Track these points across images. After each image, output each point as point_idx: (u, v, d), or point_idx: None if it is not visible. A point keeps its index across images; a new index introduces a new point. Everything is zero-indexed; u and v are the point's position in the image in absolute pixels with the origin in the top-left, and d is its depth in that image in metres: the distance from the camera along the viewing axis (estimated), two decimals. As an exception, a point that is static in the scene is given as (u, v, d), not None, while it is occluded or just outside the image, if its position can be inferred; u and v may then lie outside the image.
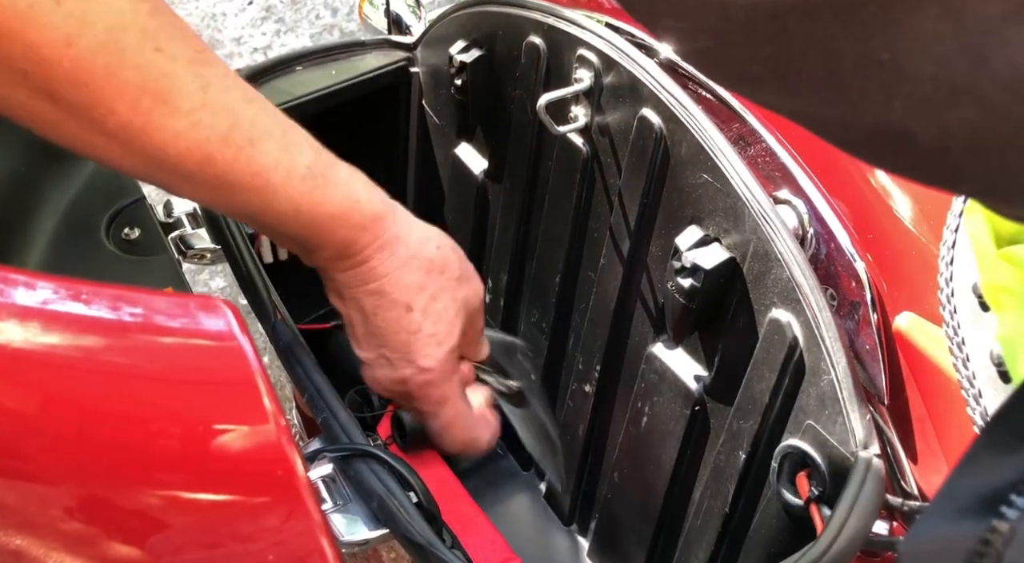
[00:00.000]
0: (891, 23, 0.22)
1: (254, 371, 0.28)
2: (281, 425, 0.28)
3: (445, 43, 0.82)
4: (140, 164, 0.47)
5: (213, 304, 0.29)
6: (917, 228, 0.60)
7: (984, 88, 0.21)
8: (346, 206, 0.54)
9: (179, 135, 0.45)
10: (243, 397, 0.28)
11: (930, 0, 0.21)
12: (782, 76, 0.25)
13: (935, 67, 0.22)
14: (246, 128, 0.48)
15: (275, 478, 0.29)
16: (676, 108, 0.62)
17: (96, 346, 0.28)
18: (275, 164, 0.50)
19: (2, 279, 0.27)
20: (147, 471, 0.28)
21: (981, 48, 0.21)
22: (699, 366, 0.67)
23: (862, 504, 0.52)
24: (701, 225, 0.62)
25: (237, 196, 0.49)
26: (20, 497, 0.27)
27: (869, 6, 0.22)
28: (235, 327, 0.28)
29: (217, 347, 0.29)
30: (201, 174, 0.47)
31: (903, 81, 0.23)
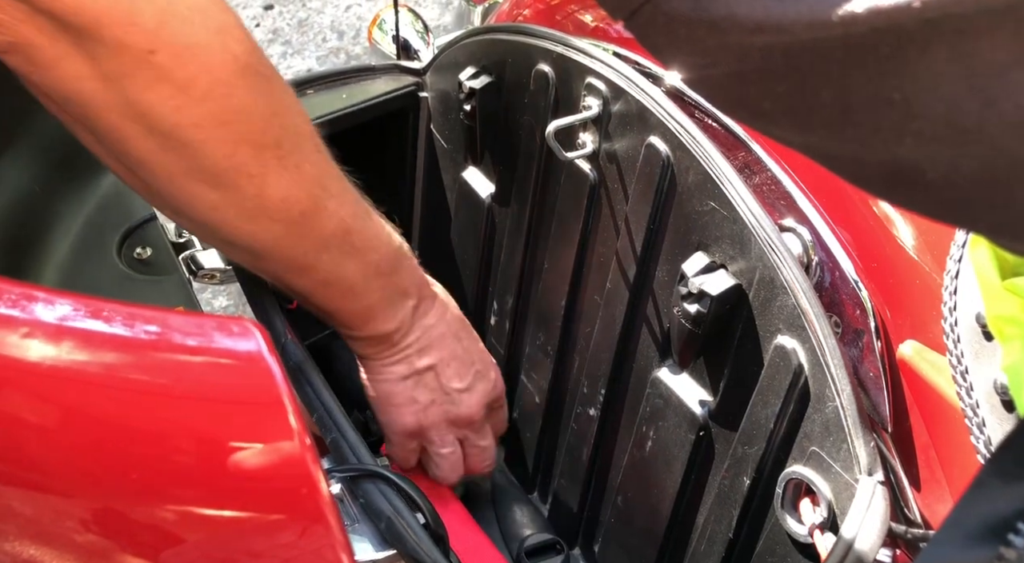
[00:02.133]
0: (903, 65, 0.23)
1: (281, 391, 0.29)
2: (306, 444, 0.29)
3: (455, 69, 0.83)
4: (305, 245, 0.59)
5: (243, 326, 0.30)
6: (921, 257, 0.60)
7: (992, 129, 0.22)
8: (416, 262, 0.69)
9: (333, 214, 0.59)
10: (271, 416, 0.29)
11: (940, 44, 0.22)
12: (796, 112, 0.26)
13: (945, 107, 0.23)
14: (362, 203, 0.63)
15: (300, 495, 0.29)
16: (683, 136, 0.63)
17: (133, 365, 0.29)
18: (381, 225, 0.65)
19: (48, 300, 0.28)
20: (174, 486, 0.29)
21: (989, 90, 0.22)
22: (704, 391, 0.67)
23: (866, 530, 0.52)
24: (707, 251, 0.63)
25: (364, 258, 0.62)
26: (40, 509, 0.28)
27: (881, 48, 0.23)
28: (264, 348, 0.29)
29: (246, 367, 0.29)
30: (342, 244, 0.61)
31: (913, 120, 0.24)
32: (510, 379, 0.90)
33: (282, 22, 2.44)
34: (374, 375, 0.70)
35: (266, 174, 0.53)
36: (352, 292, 0.63)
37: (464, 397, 0.73)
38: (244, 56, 0.50)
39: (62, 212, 0.71)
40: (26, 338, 0.27)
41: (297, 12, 2.47)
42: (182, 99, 0.49)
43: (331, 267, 0.60)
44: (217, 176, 0.52)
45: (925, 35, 0.22)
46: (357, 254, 0.61)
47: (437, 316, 0.70)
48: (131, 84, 0.47)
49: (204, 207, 0.54)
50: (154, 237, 0.74)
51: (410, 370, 0.69)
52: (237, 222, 0.55)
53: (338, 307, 0.64)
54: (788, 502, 0.59)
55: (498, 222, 0.87)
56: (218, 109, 0.50)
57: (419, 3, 2.47)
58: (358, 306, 0.64)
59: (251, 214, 0.55)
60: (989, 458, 0.32)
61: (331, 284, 0.62)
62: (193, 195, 0.53)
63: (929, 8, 0.21)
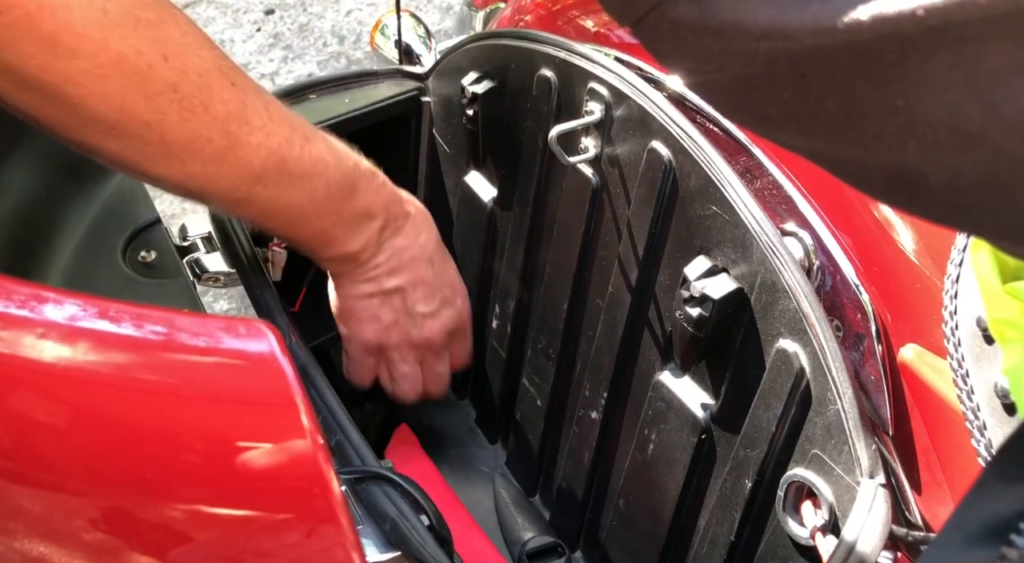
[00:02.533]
0: (906, 71, 0.23)
1: (294, 391, 0.29)
2: (319, 443, 0.29)
3: (457, 74, 0.84)
4: (230, 181, 0.57)
5: (256, 327, 0.30)
6: (921, 261, 0.61)
7: (994, 134, 0.22)
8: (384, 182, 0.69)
9: (259, 146, 0.57)
10: (283, 416, 0.29)
11: (943, 51, 0.22)
12: (800, 118, 0.27)
13: (948, 113, 0.23)
14: (300, 130, 0.61)
15: (312, 495, 0.30)
16: (685, 141, 0.64)
17: (146, 365, 0.29)
18: (328, 149, 0.63)
19: (65, 301, 0.29)
20: (187, 486, 0.30)
21: (991, 96, 0.22)
22: (706, 394, 0.68)
23: (868, 533, 0.53)
24: (709, 255, 0.63)
25: (307, 185, 0.61)
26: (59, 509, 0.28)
27: (886, 55, 0.23)
28: (276, 349, 0.30)
29: (259, 368, 0.30)
30: (277, 174, 0.59)
31: (917, 125, 0.24)
32: (512, 383, 0.91)
33: (283, 26, 2.45)
34: (342, 290, 0.72)
35: (163, 120, 0.53)
36: (302, 219, 0.63)
37: (428, 322, 0.75)
38: (114, 8, 0.49)
39: (66, 215, 0.71)
40: (39, 339, 0.28)
41: (298, 17, 2.48)
42: (47, 57, 0.48)
43: (269, 198, 0.60)
44: (112, 127, 0.52)
45: (928, 42, 0.22)
46: (297, 182, 0.60)
47: (410, 238, 0.71)
48: None
49: (111, 154, 0.54)
50: (158, 240, 0.74)
51: (377, 289, 0.71)
52: (148, 166, 0.55)
53: (289, 233, 0.65)
54: (790, 505, 0.60)
55: (500, 226, 0.87)
56: (92, 65, 0.49)
57: (419, 8, 2.48)
58: (310, 231, 0.65)
59: (160, 158, 0.54)
60: (991, 460, 0.32)
61: (273, 214, 0.62)
62: (96, 144, 0.53)
63: (932, 16, 0.21)
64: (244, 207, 0.61)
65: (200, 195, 0.59)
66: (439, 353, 0.78)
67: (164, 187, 0.59)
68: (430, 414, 0.99)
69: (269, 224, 0.64)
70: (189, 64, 0.53)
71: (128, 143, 0.53)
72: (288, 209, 0.62)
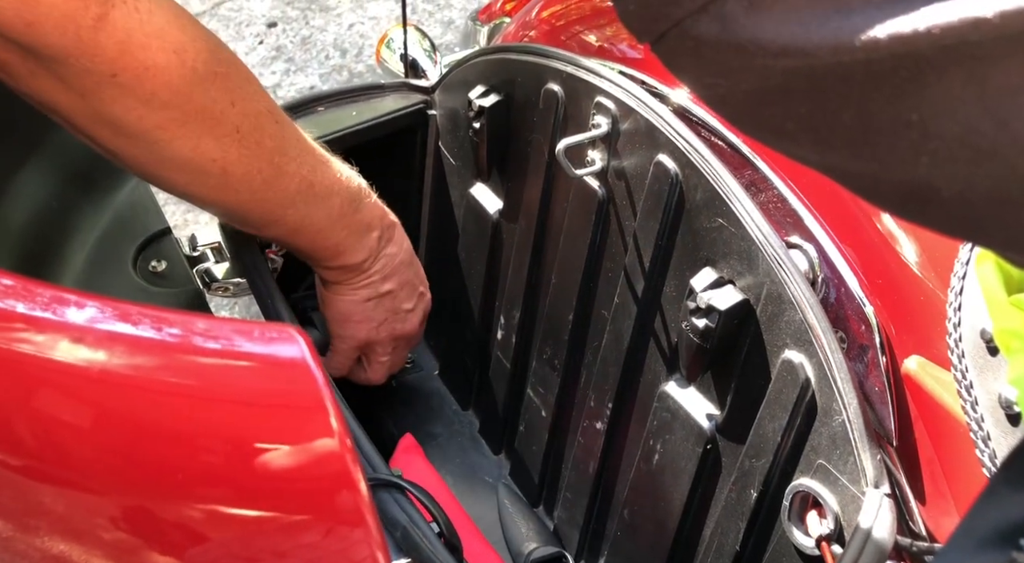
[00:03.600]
0: (921, 88, 0.24)
1: (324, 395, 0.30)
2: (347, 445, 0.30)
3: (464, 88, 0.85)
4: (271, 206, 0.66)
5: (287, 332, 0.31)
6: (925, 273, 0.62)
7: (1005, 149, 0.23)
8: (375, 196, 0.76)
9: (294, 174, 0.66)
10: (314, 419, 0.30)
11: (956, 68, 0.23)
12: (816, 133, 0.28)
13: (960, 129, 0.24)
14: (318, 154, 0.69)
15: (340, 496, 0.30)
16: (692, 154, 0.65)
17: (182, 368, 0.30)
18: (338, 169, 0.71)
19: (120, 310, 0.30)
20: (219, 487, 0.30)
21: (1003, 113, 0.23)
22: (711, 405, 0.68)
23: (873, 543, 0.53)
24: (715, 267, 0.64)
25: (327, 203, 0.69)
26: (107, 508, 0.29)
27: (901, 72, 0.24)
28: (307, 354, 0.30)
29: (290, 372, 0.30)
30: (306, 196, 0.67)
31: (930, 140, 0.25)
32: (516, 393, 0.91)
33: (285, 40, 2.46)
34: (340, 296, 0.79)
35: (227, 156, 0.60)
36: (321, 234, 0.71)
37: (410, 316, 0.83)
38: (202, 66, 0.56)
39: (79, 226, 0.72)
40: (74, 342, 0.28)
41: (300, 30, 2.49)
42: (144, 110, 0.55)
43: (298, 217, 0.68)
44: (184, 164, 0.59)
45: (943, 60, 0.23)
46: (320, 202, 0.69)
47: (398, 245, 0.79)
48: (98, 99, 0.54)
49: (177, 186, 0.62)
50: (169, 250, 0.75)
51: (374, 293, 0.79)
52: (208, 195, 0.63)
53: (310, 247, 0.72)
54: (795, 514, 0.60)
55: (505, 238, 0.88)
56: (179, 114, 0.56)
57: (421, 22, 2.49)
58: (328, 243, 0.72)
59: (219, 189, 0.62)
60: (1000, 467, 0.33)
61: (301, 231, 0.69)
62: (166, 178, 0.61)
63: (947, 35, 0.22)
64: (277, 227, 0.68)
65: (242, 218, 0.68)
66: (413, 341, 0.88)
67: (214, 211, 0.68)
68: (434, 424, 0.99)
69: (293, 240, 0.71)
70: (248, 107, 0.61)
71: (195, 176, 0.61)
72: (312, 226, 0.69)
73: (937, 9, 0.22)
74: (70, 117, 0.56)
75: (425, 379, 1.03)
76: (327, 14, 2.56)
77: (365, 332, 0.81)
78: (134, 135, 0.56)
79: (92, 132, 0.57)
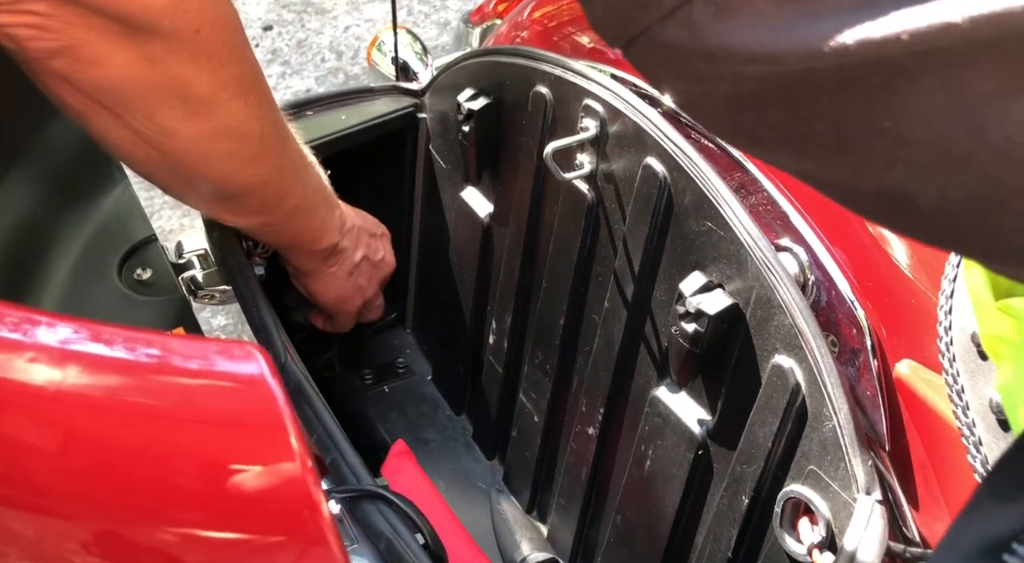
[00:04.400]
0: (893, 94, 0.23)
1: (283, 414, 0.29)
2: (308, 466, 0.29)
3: (453, 91, 0.84)
4: (284, 174, 0.67)
5: (246, 349, 0.30)
6: (916, 277, 0.61)
7: (980, 157, 0.23)
8: None
9: (292, 140, 0.68)
10: (273, 438, 0.29)
11: (929, 74, 0.23)
12: (790, 139, 0.27)
13: (934, 136, 0.23)
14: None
15: (301, 517, 0.30)
16: (680, 157, 0.64)
17: (136, 388, 0.29)
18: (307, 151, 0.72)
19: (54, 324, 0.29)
20: (182, 509, 0.29)
21: (976, 119, 0.22)
22: (702, 410, 0.67)
23: (864, 550, 0.53)
24: (705, 271, 0.63)
25: (312, 172, 0.72)
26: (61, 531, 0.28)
27: (872, 78, 0.23)
28: (266, 371, 0.30)
29: (249, 390, 0.30)
30: (300, 166, 0.70)
31: (904, 147, 0.24)
32: (509, 398, 0.91)
33: (281, 43, 2.46)
34: (324, 282, 0.82)
35: (264, 117, 0.61)
36: (313, 210, 0.73)
37: (385, 260, 0.89)
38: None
39: (63, 233, 0.71)
40: (29, 362, 0.28)
41: (296, 33, 2.49)
42: (214, 65, 0.55)
43: (298, 192, 0.69)
44: (235, 129, 0.59)
45: (914, 66, 0.23)
46: (307, 172, 0.71)
47: (349, 217, 0.81)
48: (175, 61, 0.53)
49: (218, 158, 0.61)
50: (154, 258, 0.75)
51: (351, 267, 0.83)
52: (244, 166, 0.63)
53: (301, 230, 0.74)
54: (786, 521, 0.59)
55: (496, 241, 0.87)
56: (238, 70, 0.57)
57: (416, 24, 2.49)
58: (314, 223, 0.74)
59: (255, 157, 0.63)
60: (985, 478, 0.32)
61: (298, 210, 0.71)
62: (210, 150, 0.60)
63: (917, 41, 0.22)
64: (284, 202, 0.69)
65: (261, 194, 0.67)
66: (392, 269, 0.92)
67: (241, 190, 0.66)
68: (427, 429, 0.99)
69: (290, 223, 0.72)
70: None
71: (239, 143, 0.61)
72: (306, 202, 0.71)
73: (906, 14, 0.22)
74: (137, 91, 0.54)
75: (418, 384, 1.02)
76: (323, 17, 2.55)
77: (360, 298, 0.87)
78: (199, 100, 0.56)
79: (158, 105, 0.55)
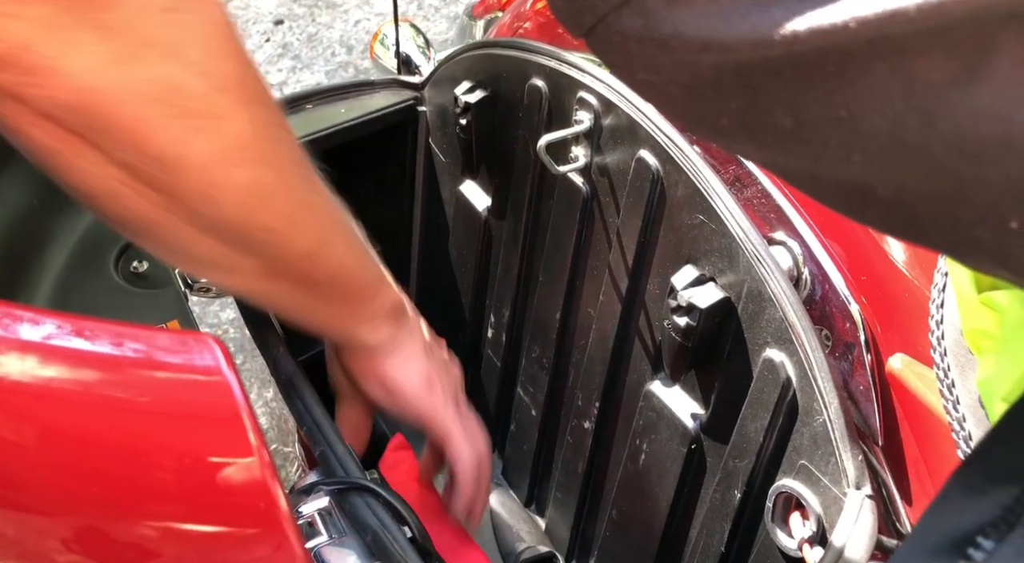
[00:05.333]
0: (847, 82, 0.23)
1: (239, 406, 0.29)
2: (264, 459, 0.29)
3: (451, 84, 0.84)
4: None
5: (203, 340, 0.30)
6: (910, 271, 0.60)
7: (933, 148, 0.22)
8: None
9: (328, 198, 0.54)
10: (229, 431, 0.29)
11: (881, 62, 0.22)
12: (750, 129, 0.27)
13: (889, 125, 0.23)
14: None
15: (258, 511, 0.30)
16: (672, 150, 0.63)
17: (89, 380, 0.29)
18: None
19: (7, 315, 0.29)
20: (137, 502, 0.30)
21: (928, 109, 0.22)
22: (696, 404, 0.67)
23: (854, 544, 0.52)
24: (697, 265, 0.63)
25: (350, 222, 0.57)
26: (17, 528, 0.28)
27: (826, 66, 0.23)
28: (223, 363, 0.30)
29: (205, 382, 0.30)
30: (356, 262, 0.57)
31: (860, 137, 0.24)
32: (507, 392, 0.91)
33: (292, 37, 2.47)
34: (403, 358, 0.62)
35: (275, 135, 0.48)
36: (363, 263, 0.59)
37: (453, 362, 0.70)
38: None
39: (59, 225, 0.72)
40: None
41: (307, 27, 2.49)
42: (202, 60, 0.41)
43: (339, 233, 0.56)
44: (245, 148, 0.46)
45: (866, 54, 0.22)
46: (338, 212, 0.56)
47: None
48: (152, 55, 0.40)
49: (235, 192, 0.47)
50: (151, 251, 0.75)
51: (424, 342, 0.63)
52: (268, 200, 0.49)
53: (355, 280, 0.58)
54: (778, 516, 0.59)
55: (495, 235, 0.87)
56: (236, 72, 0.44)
57: (427, 18, 2.49)
58: (370, 276, 0.59)
59: (276, 186, 0.50)
60: (956, 471, 0.32)
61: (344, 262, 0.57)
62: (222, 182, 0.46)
63: (865, 29, 0.21)
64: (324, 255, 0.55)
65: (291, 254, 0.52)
66: None
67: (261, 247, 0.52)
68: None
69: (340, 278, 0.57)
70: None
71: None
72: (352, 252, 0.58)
73: (855, 1, 0.21)
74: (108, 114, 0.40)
75: (419, 377, 1.02)
76: (333, 11, 2.56)
77: (440, 398, 0.65)
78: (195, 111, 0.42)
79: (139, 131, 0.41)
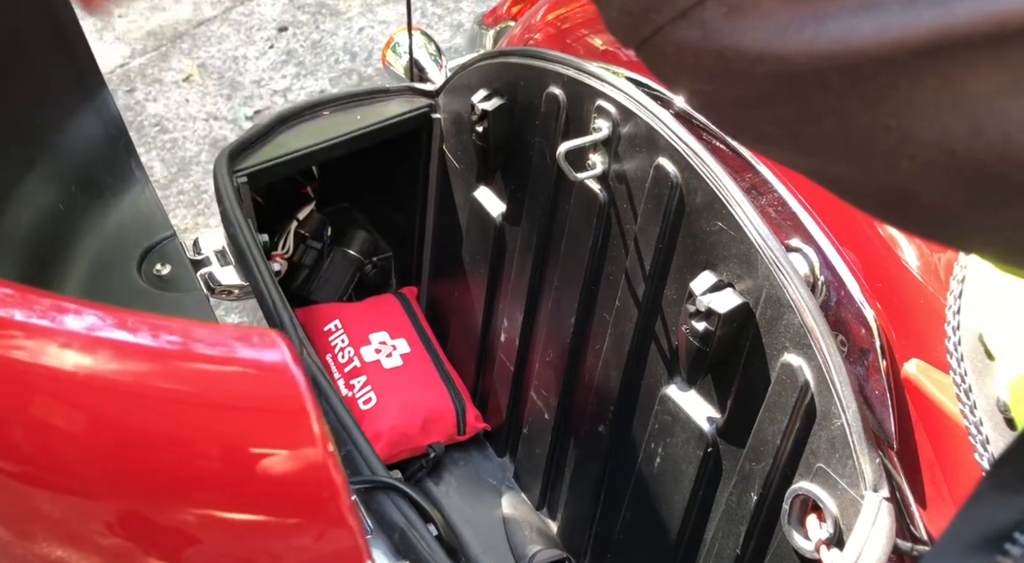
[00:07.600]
0: (897, 93, 0.24)
1: (306, 399, 0.30)
2: (329, 450, 0.30)
3: (467, 91, 0.85)
4: None
5: (270, 337, 0.31)
6: (925, 278, 0.61)
7: (981, 155, 0.23)
8: None
9: None
10: (295, 423, 0.30)
11: (931, 74, 0.23)
12: (797, 137, 0.28)
13: (937, 134, 0.24)
14: None
15: (322, 500, 0.30)
16: (691, 158, 0.65)
17: (163, 374, 0.30)
18: None
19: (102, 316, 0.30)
20: (201, 490, 0.31)
21: (976, 118, 0.23)
22: (712, 408, 0.68)
23: (871, 546, 0.53)
24: (715, 271, 0.64)
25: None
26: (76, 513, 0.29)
27: (878, 78, 0.24)
28: (289, 358, 0.31)
29: (272, 376, 0.31)
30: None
31: (908, 145, 0.25)
32: (520, 396, 0.92)
33: (296, 43, 2.48)
34: None
35: None
36: None
37: None
38: None
39: (84, 230, 0.72)
40: (59, 348, 0.29)
41: (311, 34, 2.51)
42: None
43: None
44: None
45: (917, 66, 0.23)
46: None
47: None
48: None
49: None
50: (173, 254, 0.76)
51: None
52: None
53: None
54: (795, 518, 0.60)
55: (508, 241, 0.88)
56: None
57: (430, 26, 2.50)
58: None
59: None
60: (988, 471, 0.33)
61: None
62: None
63: (920, 42, 0.22)
64: None
65: None
66: None
67: None
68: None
69: None
70: None
71: None
72: None
73: (910, 16, 0.22)
74: None
75: (430, 382, 1.03)
76: (337, 18, 2.57)
77: None
78: None
79: None
